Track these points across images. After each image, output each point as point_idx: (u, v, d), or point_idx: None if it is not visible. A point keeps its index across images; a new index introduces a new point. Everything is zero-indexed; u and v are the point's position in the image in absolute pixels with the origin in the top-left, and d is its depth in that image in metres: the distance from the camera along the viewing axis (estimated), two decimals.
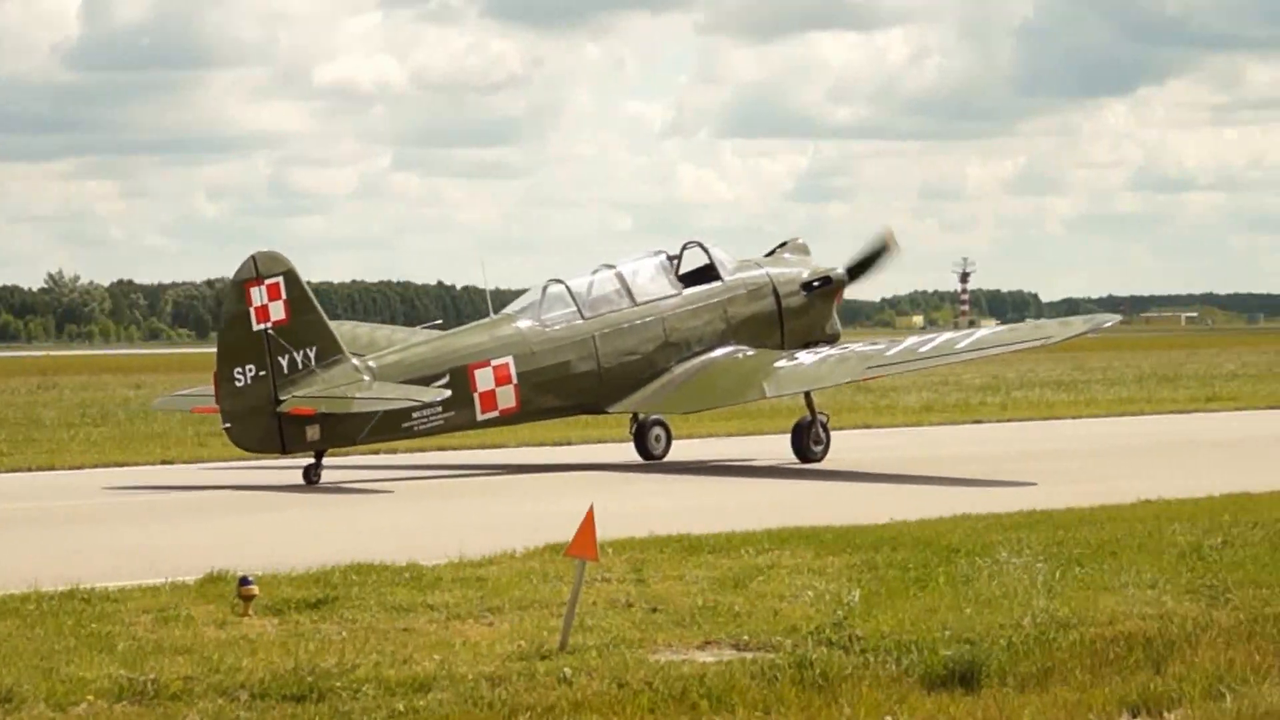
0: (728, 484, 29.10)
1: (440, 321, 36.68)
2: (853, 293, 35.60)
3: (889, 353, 31.17)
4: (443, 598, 15.92)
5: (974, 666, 13.37)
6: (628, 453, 32.86)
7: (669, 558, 18.06)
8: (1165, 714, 12.60)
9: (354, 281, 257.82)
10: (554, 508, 23.57)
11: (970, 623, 14.47)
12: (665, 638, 14.32)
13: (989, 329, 35.30)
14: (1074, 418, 44.05)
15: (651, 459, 32.90)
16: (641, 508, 23.43)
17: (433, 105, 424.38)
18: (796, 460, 31.74)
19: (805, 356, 32.03)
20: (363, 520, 24.28)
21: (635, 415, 33.18)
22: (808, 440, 32.20)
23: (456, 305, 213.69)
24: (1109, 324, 37.35)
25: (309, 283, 29.26)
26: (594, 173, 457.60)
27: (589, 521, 14.14)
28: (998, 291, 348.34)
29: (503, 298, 36.98)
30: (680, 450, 33.68)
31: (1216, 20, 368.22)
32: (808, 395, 32.20)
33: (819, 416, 32.40)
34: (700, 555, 18.21)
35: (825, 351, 32.26)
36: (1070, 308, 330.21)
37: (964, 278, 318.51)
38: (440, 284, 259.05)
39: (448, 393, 29.90)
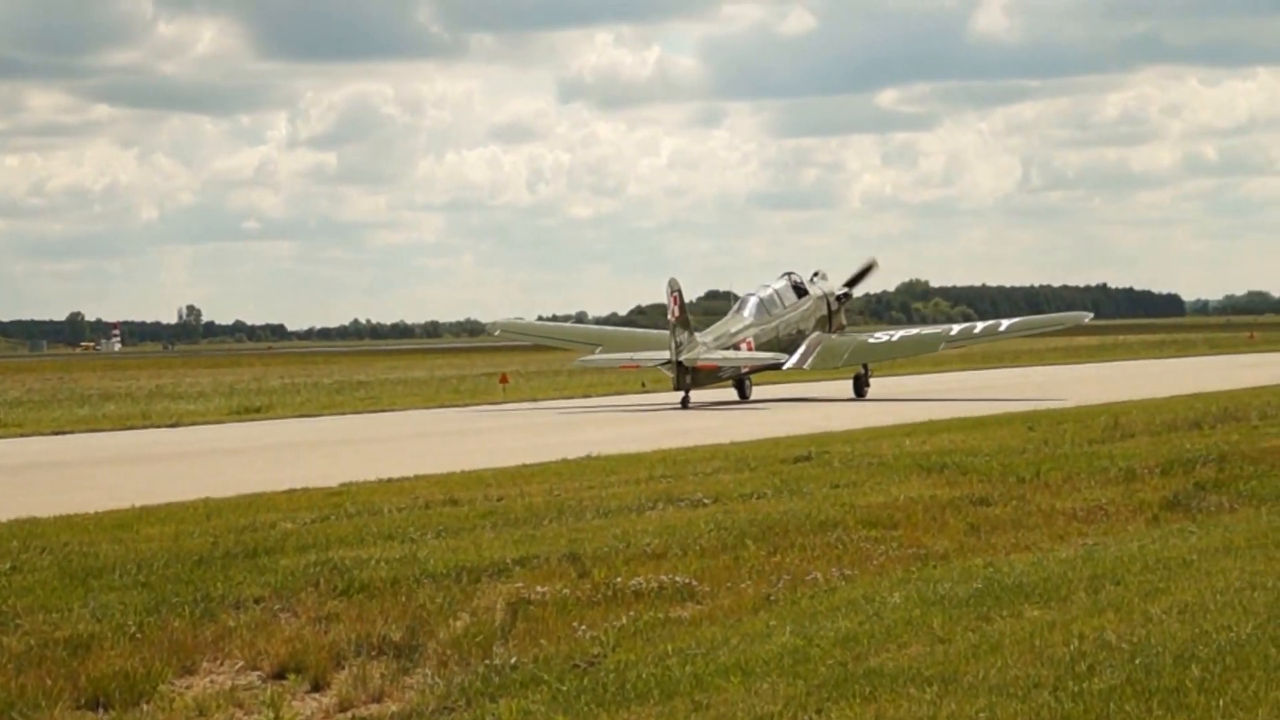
0: None
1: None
2: None
3: (951, 333, 56.31)
4: None
5: None
6: None
7: None
8: None
9: None
10: None
11: None
12: None
13: (1016, 319, 61.76)
14: None
15: (747, 400, 53.33)
16: None
17: None
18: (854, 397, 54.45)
19: (884, 335, 57.69)
20: None
21: (733, 374, 53.70)
22: (863, 385, 55.14)
23: None
24: (1086, 319, 63.41)
25: None
26: None
27: None
28: None
29: None
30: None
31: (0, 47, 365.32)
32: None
33: (868, 372, 55.76)
34: None
35: (902, 331, 59.69)
36: None
37: None
38: None
39: (793, 358, 54.71)
